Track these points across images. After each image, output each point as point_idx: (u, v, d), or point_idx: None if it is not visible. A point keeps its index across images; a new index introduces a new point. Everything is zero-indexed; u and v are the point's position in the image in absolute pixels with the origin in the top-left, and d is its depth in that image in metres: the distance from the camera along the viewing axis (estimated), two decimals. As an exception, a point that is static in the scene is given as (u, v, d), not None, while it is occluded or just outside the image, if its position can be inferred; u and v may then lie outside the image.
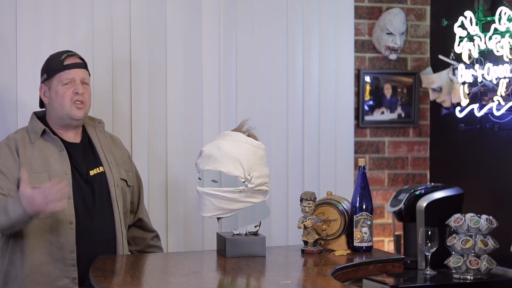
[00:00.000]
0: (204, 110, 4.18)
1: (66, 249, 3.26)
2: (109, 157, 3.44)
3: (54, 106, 3.35)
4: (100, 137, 3.47)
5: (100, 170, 3.39)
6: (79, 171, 3.35)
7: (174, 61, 4.12)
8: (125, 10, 4.04)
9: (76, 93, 3.33)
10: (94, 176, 3.37)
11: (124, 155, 3.55)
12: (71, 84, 3.34)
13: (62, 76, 3.34)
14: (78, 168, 3.35)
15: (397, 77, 4.64)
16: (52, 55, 3.42)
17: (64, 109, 3.34)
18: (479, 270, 3.89)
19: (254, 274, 2.98)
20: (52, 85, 3.35)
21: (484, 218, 3.88)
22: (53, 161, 3.31)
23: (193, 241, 4.14)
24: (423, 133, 4.71)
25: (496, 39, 3.97)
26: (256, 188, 3.25)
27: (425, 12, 4.71)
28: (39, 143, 3.33)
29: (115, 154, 3.49)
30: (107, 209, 3.36)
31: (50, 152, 3.32)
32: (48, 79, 3.36)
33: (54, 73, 3.35)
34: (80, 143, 3.41)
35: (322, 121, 4.40)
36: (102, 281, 2.83)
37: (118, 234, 3.37)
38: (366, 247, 3.35)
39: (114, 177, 3.40)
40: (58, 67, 3.35)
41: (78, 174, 3.34)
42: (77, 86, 3.34)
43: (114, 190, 3.38)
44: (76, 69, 3.36)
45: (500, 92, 3.98)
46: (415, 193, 4.17)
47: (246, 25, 4.25)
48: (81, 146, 3.41)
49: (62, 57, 3.37)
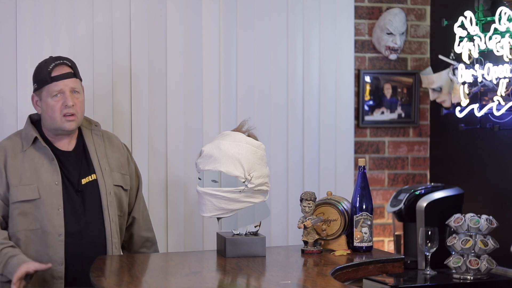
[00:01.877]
0: (204, 110, 4.18)
1: (55, 261, 3.22)
2: (103, 163, 3.38)
3: (46, 117, 3.31)
4: (95, 141, 3.42)
5: (92, 178, 3.34)
6: (70, 180, 3.30)
7: (174, 61, 4.12)
8: (125, 10, 4.04)
9: (66, 105, 3.27)
10: (86, 184, 3.32)
11: (121, 157, 3.49)
12: (61, 96, 3.27)
13: (50, 88, 3.27)
14: (70, 177, 3.30)
15: (397, 77, 4.64)
16: (41, 63, 3.35)
17: (55, 122, 3.29)
18: (479, 270, 3.89)
19: (254, 274, 2.98)
20: (42, 97, 3.29)
21: (484, 218, 3.88)
22: (43, 171, 3.26)
23: (193, 241, 4.14)
24: (423, 133, 4.71)
25: (496, 39, 3.97)
26: (256, 188, 3.25)
27: (425, 12, 4.71)
28: (30, 151, 3.29)
29: (110, 158, 3.43)
30: (98, 218, 3.32)
31: (40, 161, 3.28)
32: (38, 90, 3.31)
33: (42, 84, 3.28)
34: (73, 150, 3.36)
35: (322, 121, 4.40)
36: (102, 281, 2.83)
37: (108, 245, 3.32)
38: (366, 247, 3.35)
39: (107, 185, 3.35)
40: (45, 78, 3.28)
41: (69, 183, 3.29)
42: (67, 98, 3.27)
43: (106, 198, 3.33)
44: (64, 80, 3.29)
45: (500, 92, 3.98)
46: (415, 193, 4.17)
47: (246, 25, 4.25)
48: (74, 153, 3.36)
49: (49, 67, 3.28)
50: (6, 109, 3.86)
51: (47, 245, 3.23)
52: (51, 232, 3.23)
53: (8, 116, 3.85)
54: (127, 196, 3.47)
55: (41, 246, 3.23)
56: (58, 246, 3.23)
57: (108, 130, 3.76)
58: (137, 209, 3.55)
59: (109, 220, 3.32)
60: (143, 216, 3.58)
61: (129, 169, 3.51)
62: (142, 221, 3.56)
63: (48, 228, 3.23)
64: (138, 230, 3.55)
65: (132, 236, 3.53)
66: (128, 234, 3.53)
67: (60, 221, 3.23)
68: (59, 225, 3.23)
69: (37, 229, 3.23)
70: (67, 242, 3.24)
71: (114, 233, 3.35)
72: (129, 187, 3.48)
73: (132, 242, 3.54)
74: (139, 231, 3.55)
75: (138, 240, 3.55)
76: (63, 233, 3.23)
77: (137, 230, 3.54)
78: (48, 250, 3.23)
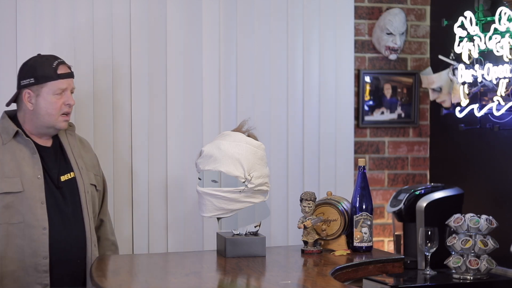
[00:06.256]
0: (204, 110, 4.18)
1: (38, 255, 3.20)
2: (80, 162, 3.38)
3: (41, 114, 3.28)
4: (70, 141, 3.40)
5: (71, 176, 3.33)
6: (51, 176, 3.29)
7: (174, 61, 4.12)
8: (125, 11, 4.04)
9: (68, 104, 3.28)
10: (65, 181, 3.31)
11: (93, 159, 3.50)
12: (63, 95, 3.28)
13: (55, 85, 3.26)
14: (50, 172, 3.29)
15: (397, 77, 4.64)
16: (39, 59, 3.32)
17: (51, 120, 3.28)
18: (479, 270, 3.89)
19: (254, 274, 2.98)
20: (42, 93, 3.27)
21: (484, 218, 3.88)
22: (25, 164, 3.24)
23: (193, 241, 4.14)
24: (423, 133, 4.71)
25: (496, 39, 3.97)
26: (256, 188, 3.25)
27: (425, 12, 4.71)
28: (11, 144, 3.26)
29: (85, 158, 3.43)
30: (78, 215, 3.31)
31: (22, 155, 3.26)
32: (36, 85, 3.27)
33: (45, 80, 3.26)
34: (51, 147, 3.35)
35: (322, 121, 4.40)
36: (102, 281, 2.83)
37: (88, 241, 3.31)
38: (366, 247, 3.35)
39: (85, 183, 3.35)
40: (50, 74, 3.26)
41: (50, 179, 3.28)
42: (69, 97, 3.29)
43: (85, 196, 3.33)
44: (68, 78, 3.30)
45: (500, 92, 3.98)
46: (415, 193, 4.17)
47: (246, 25, 4.25)
48: (52, 150, 3.35)
49: (53, 64, 3.28)
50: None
51: (30, 239, 3.20)
52: (35, 226, 3.20)
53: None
54: (98, 198, 3.48)
55: (24, 240, 3.20)
56: (42, 240, 3.20)
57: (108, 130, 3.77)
58: (104, 212, 3.56)
59: (88, 218, 3.33)
60: (109, 220, 3.59)
61: (100, 171, 3.54)
62: (108, 225, 3.57)
63: (31, 222, 3.20)
64: (105, 233, 3.55)
65: (99, 239, 3.52)
66: (96, 236, 3.49)
67: (44, 215, 3.21)
68: (43, 218, 3.21)
69: (19, 222, 3.20)
70: (51, 236, 3.21)
71: (93, 230, 3.36)
72: (100, 189, 3.49)
73: (99, 245, 3.51)
74: (106, 234, 3.56)
75: (105, 243, 3.54)
76: (47, 227, 3.21)
77: (104, 233, 3.55)
78: (32, 243, 3.20)
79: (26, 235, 3.20)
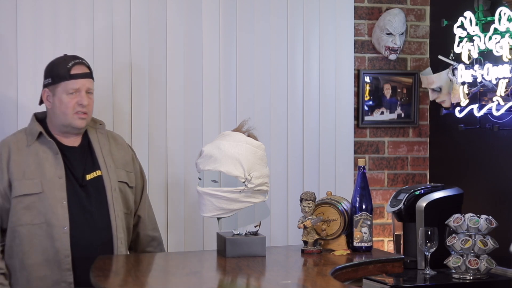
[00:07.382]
0: (204, 110, 4.19)
1: (61, 253, 3.25)
2: (108, 160, 3.41)
3: (57, 113, 3.34)
4: (100, 139, 3.45)
5: (97, 174, 3.37)
6: (74, 175, 3.32)
7: (174, 61, 4.13)
8: (125, 11, 4.04)
9: (80, 104, 3.31)
10: (91, 180, 3.35)
11: (126, 156, 3.53)
12: (76, 94, 3.31)
13: (68, 85, 3.31)
14: (74, 172, 3.33)
15: (397, 77, 4.64)
16: (58, 59, 3.38)
17: (67, 119, 3.32)
18: (478, 270, 3.90)
19: (254, 274, 2.98)
20: (57, 92, 3.32)
21: (484, 218, 3.88)
22: (47, 165, 3.29)
23: (193, 241, 4.14)
24: (422, 133, 4.71)
25: (496, 39, 3.97)
26: (256, 188, 3.25)
27: (425, 12, 4.71)
28: (35, 146, 3.32)
29: (115, 156, 3.46)
30: (104, 213, 3.34)
31: (45, 155, 3.30)
32: (53, 85, 3.33)
33: (59, 80, 3.31)
34: (79, 146, 3.39)
35: (322, 121, 4.41)
36: (103, 281, 2.83)
37: (114, 239, 3.34)
38: (366, 247, 3.35)
39: (112, 181, 3.38)
40: (64, 75, 3.30)
41: (73, 178, 3.32)
42: (82, 97, 3.32)
43: (111, 194, 3.36)
44: (82, 79, 3.33)
45: (499, 92, 3.98)
46: (414, 193, 4.17)
47: (246, 25, 4.25)
48: (79, 149, 3.39)
49: (69, 64, 3.32)
50: (7, 109, 3.86)
51: (52, 238, 3.25)
52: (56, 225, 3.25)
53: (10, 114, 3.86)
54: (133, 194, 3.51)
55: (47, 240, 3.25)
56: (63, 238, 3.25)
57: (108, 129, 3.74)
58: (142, 208, 3.59)
59: (114, 215, 3.35)
60: (148, 215, 3.61)
61: (134, 168, 3.56)
62: (147, 220, 3.60)
63: (52, 221, 3.25)
64: (144, 229, 3.58)
65: (138, 235, 3.57)
66: (135, 233, 3.57)
67: (65, 214, 3.25)
68: (64, 217, 3.25)
69: (41, 223, 3.25)
70: (72, 235, 3.26)
71: (120, 228, 3.37)
72: (134, 185, 3.52)
73: (138, 241, 3.57)
74: (145, 230, 3.58)
75: (144, 239, 3.58)
76: (68, 226, 3.25)
77: (143, 229, 3.58)
78: (54, 243, 3.25)
79: (48, 234, 3.25)
